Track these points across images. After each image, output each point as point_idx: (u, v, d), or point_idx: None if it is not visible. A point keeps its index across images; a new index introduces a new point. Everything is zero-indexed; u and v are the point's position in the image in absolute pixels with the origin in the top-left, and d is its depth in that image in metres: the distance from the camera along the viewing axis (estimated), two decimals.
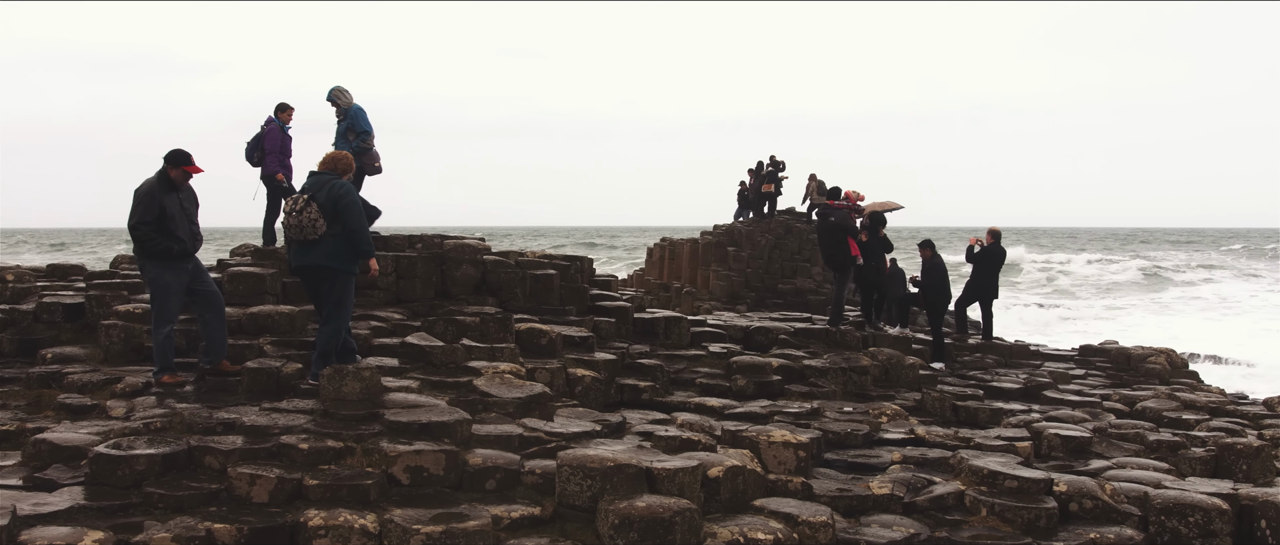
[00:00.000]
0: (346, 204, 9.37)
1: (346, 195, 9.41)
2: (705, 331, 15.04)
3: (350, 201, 9.41)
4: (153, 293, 9.79)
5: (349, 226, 9.41)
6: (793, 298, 29.38)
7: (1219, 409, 13.88)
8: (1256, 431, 12.48)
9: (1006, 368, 16.26)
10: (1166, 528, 8.08)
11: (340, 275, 9.56)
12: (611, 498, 7.05)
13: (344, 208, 9.36)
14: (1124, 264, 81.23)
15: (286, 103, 14.89)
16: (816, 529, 7.32)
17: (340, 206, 9.35)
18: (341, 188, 9.44)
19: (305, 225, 9.30)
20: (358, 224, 9.44)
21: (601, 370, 11.69)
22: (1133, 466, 9.82)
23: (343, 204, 9.36)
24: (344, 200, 9.37)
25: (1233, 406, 14.27)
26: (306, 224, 9.30)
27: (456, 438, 8.15)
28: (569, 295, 14.17)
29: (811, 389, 12.78)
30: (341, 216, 9.38)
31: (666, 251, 35.82)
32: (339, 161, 9.72)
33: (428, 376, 10.01)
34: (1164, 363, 17.09)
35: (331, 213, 9.35)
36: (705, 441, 8.94)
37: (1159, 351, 17.75)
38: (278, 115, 14.69)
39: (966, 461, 8.93)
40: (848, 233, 16.38)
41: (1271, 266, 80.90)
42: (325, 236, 9.37)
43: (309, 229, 9.30)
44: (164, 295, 9.70)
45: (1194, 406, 13.83)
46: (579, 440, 8.74)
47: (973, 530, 7.91)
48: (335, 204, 9.35)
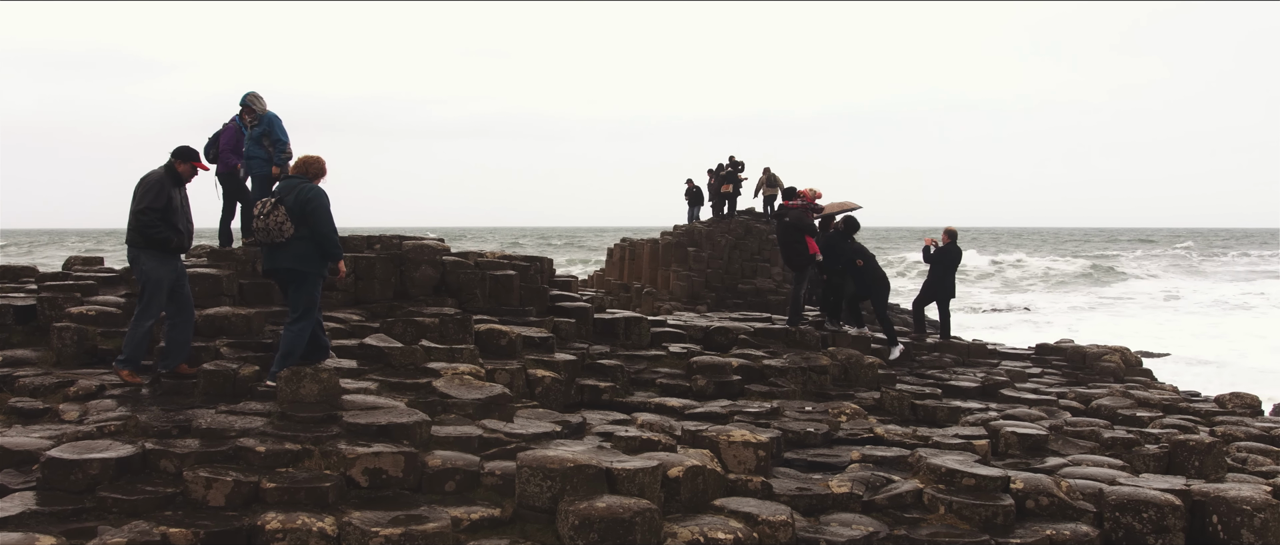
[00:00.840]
0: (315, 207, 9.45)
1: (315, 199, 9.48)
2: (665, 332, 15.05)
3: (318, 205, 9.49)
4: (144, 285, 9.78)
5: (317, 230, 9.49)
6: (753, 298, 29.49)
7: (1172, 406, 14.07)
8: (1208, 428, 12.66)
9: (964, 367, 16.39)
10: (1121, 524, 8.18)
11: (307, 278, 9.63)
12: (571, 498, 7.04)
13: (312, 210, 9.44)
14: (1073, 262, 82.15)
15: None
16: (776, 528, 7.34)
17: (309, 210, 9.44)
18: (310, 191, 9.51)
19: (273, 228, 9.39)
20: (326, 228, 9.52)
21: (561, 371, 11.67)
22: (1088, 464, 9.92)
23: (311, 207, 9.44)
24: (312, 204, 9.45)
25: (1185, 404, 14.46)
26: (273, 227, 9.38)
27: (416, 439, 8.12)
28: (529, 296, 14.14)
29: (771, 389, 12.82)
30: (310, 220, 9.46)
31: (627, 252, 35.85)
32: (310, 166, 9.76)
33: (386, 378, 9.96)
34: (1119, 361, 17.29)
35: (300, 216, 9.43)
36: (665, 442, 8.94)
37: (1114, 350, 17.96)
38: (241, 114, 14.57)
39: (925, 460, 8.99)
40: (805, 231, 16.40)
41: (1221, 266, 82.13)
42: (293, 239, 9.45)
43: (276, 232, 9.39)
44: (154, 289, 9.75)
45: (1148, 404, 14.00)
46: (539, 441, 8.72)
47: (931, 528, 7.96)
48: (303, 208, 9.43)
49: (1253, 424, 13.23)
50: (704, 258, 31.66)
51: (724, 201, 34.61)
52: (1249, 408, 14.64)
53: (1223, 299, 54.64)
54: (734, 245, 32.52)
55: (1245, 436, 12.41)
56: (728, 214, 34.52)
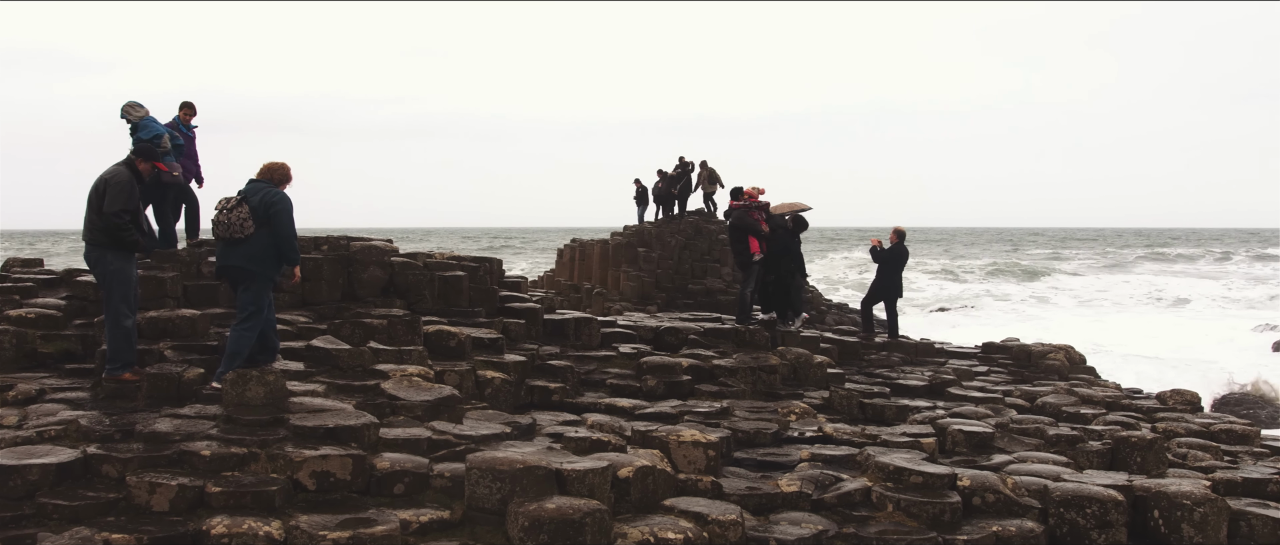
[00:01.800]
0: (278, 210, 9.68)
1: (280, 203, 9.72)
2: (615, 332, 15.04)
3: (282, 209, 9.72)
4: (115, 284, 9.67)
5: (279, 233, 9.69)
6: (703, 298, 29.58)
7: (1115, 403, 14.26)
8: (1150, 425, 12.85)
9: (912, 365, 16.51)
10: (1065, 519, 8.29)
11: (257, 278, 9.74)
12: (521, 500, 7.02)
13: (275, 214, 9.67)
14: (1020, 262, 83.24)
15: (189, 101, 14.62)
16: (726, 527, 7.36)
17: (272, 212, 9.65)
18: (275, 195, 9.74)
19: (233, 224, 9.57)
20: (287, 231, 9.74)
21: (511, 372, 11.63)
22: (1033, 460, 10.05)
23: (274, 210, 9.67)
24: (276, 207, 9.68)
25: (1128, 401, 14.66)
26: (235, 222, 9.57)
27: (364, 442, 8.05)
28: (478, 297, 14.07)
29: (721, 388, 12.85)
30: (272, 221, 9.66)
31: (577, 252, 35.82)
32: (275, 171, 9.96)
33: (334, 380, 9.87)
34: (1063, 359, 17.50)
35: (263, 217, 9.62)
36: (615, 442, 8.94)
37: (1058, 348, 18.17)
38: (180, 114, 14.42)
39: (873, 458, 9.05)
40: (747, 231, 16.48)
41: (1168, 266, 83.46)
42: (251, 238, 9.63)
43: (237, 227, 9.57)
44: (126, 287, 9.71)
45: (1091, 401, 14.18)
46: (488, 442, 8.68)
47: (879, 526, 8.02)
48: (267, 209, 9.64)
49: (1192, 420, 13.45)
50: (654, 258, 31.71)
51: (674, 202, 34.67)
52: (1189, 404, 14.88)
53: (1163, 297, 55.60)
54: (684, 246, 32.60)
55: (1185, 433, 12.61)
56: (677, 215, 34.58)
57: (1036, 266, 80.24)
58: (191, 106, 14.71)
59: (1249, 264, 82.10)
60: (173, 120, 14.37)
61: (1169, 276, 70.73)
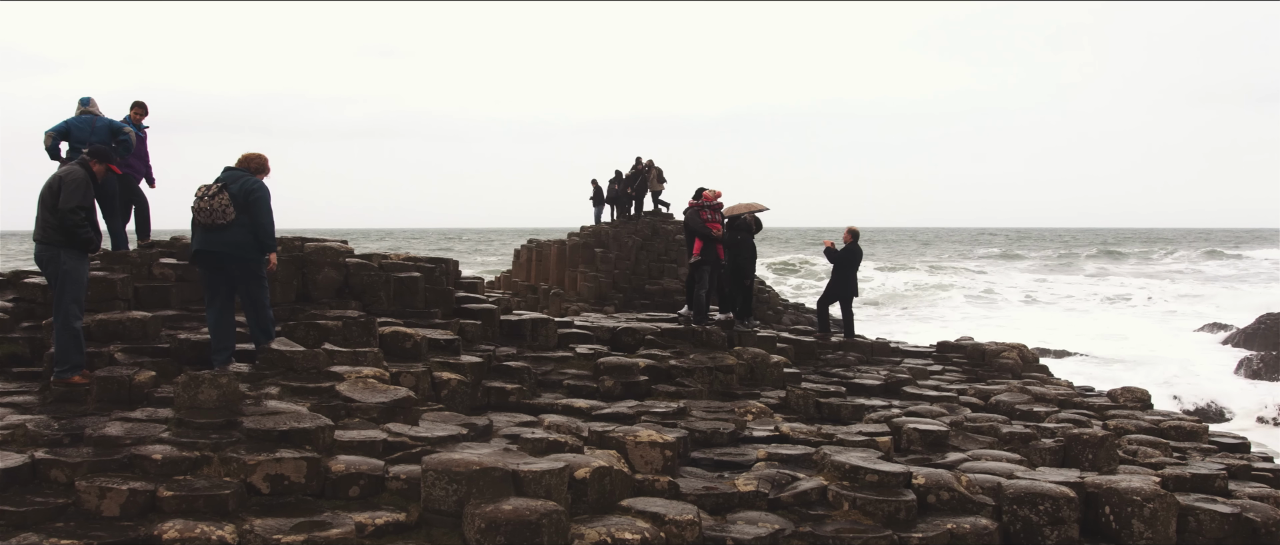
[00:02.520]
0: (257, 199, 9.96)
1: (258, 191, 10.01)
2: (572, 333, 15.02)
3: (261, 197, 10.00)
4: (68, 285, 9.57)
5: (258, 221, 9.97)
6: (660, 298, 29.60)
7: (1067, 401, 14.43)
8: (1101, 422, 13.02)
9: (868, 365, 16.62)
10: (1018, 516, 8.38)
11: (248, 263, 10.08)
12: (478, 501, 6.99)
13: (254, 202, 9.94)
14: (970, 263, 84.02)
15: (141, 101, 14.45)
16: (683, 527, 7.37)
17: (251, 200, 9.92)
18: (254, 183, 10.05)
19: (216, 210, 9.81)
20: (266, 220, 10.04)
21: (467, 373, 11.58)
22: (987, 458, 10.14)
23: (253, 198, 9.94)
24: (255, 195, 9.96)
25: (1079, 399, 14.84)
26: (217, 209, 9.81)
27: (318, 444, 7.99)
28: (434, 298, 14.00)
29: (678, 389, 12.87)
30: (251, 210, 9.93)
31: (534, 253, 35.73)
32: (252, 161, 10.30)
33: (288, 382, 9.78)
34: (1016, 358, 17.68)
35: (242, 204, 9.89)
36: (572, 443, 8.93)
37: (1012, 347, 18.35)
38: (130, 114, 14.24)
39: (829, 457, 9.10)
40: (694, 232, 16.61)
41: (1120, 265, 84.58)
42: (232, 225, 9.88)
43: (219, 214, 9.81)
44: (78, 288, 9.65)
45: (1044, 399, 14.34)
46: (445, 444, 8.63)
47: (836, 524, 8.07)
48: (247, 197, 9.92)
49: (1143, 417, 13.64)
50: (611, 259, 31.69)
51: (630, 203, 34.70)
52: (1139, 402, 15.08)
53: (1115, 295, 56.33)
54: (641, 246, 32.61)
55: (1136, 429, 12.79)
56: (634, 215, 34.60)
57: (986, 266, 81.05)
58: (143, 106, 14.54)
59: (1199, 263, 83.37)
60: (124, 119, 14.18)
61: (1121, 276, 71.69)
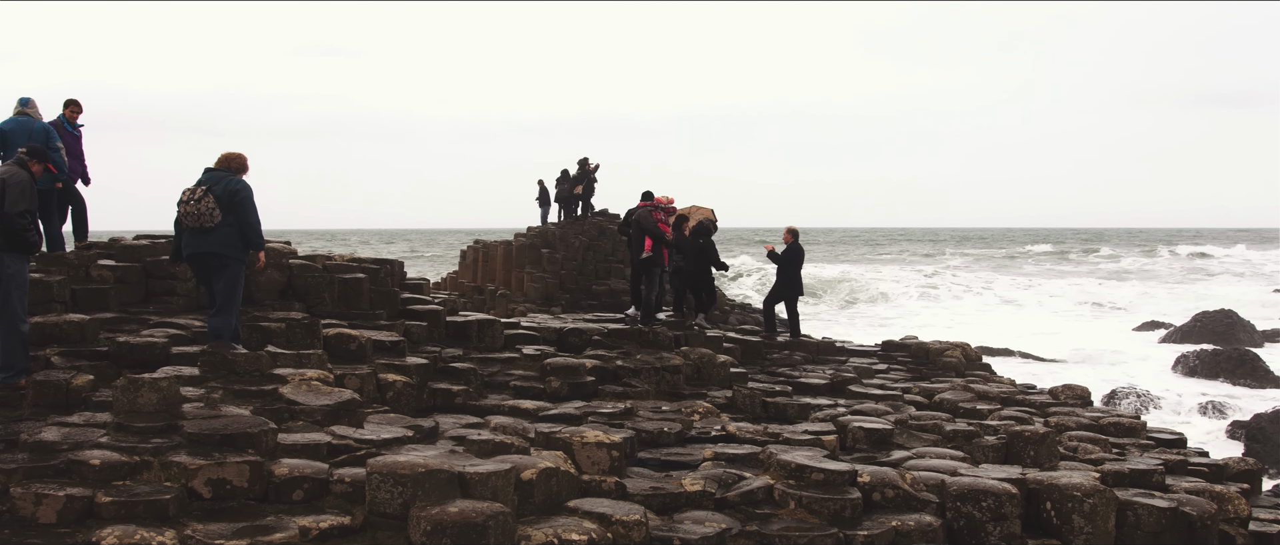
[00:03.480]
0: (242, 199, 10.22)
1: (242, 191, 10.26)
2: (519, 334, 14.98)
3: (246, 197, 10.26)
4: (15, 288, 9.43)
5: (245, 220, 10.26)
6: (607, 299, 29.60)
7: (1010, 399, 14.60)
8: (1042, 419, 13.19)
9: (813, 364, 16.73)
10: (962, 513, 8.48)
11: (232, 263, 10.30)
12: (423, 504, 6.94)
13: (240, 202, 10.20)
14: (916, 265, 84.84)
15: (75, 99, 14.21)
16: (630, 528, 7.38)
17: (236, 201, 10.18)
18: (238, 183, 10.28)
19: (204, 213, 10.06)
20: (253, 219, 10.33)
21: (413, 375, 11.50)
22: (931, 456, 10.25)
23: (239, 198, 10.19)
24: (240, 195, 10.21)
25: (1022, 396, 15.03)
26: (205, 212, 10.06)
27: (261, 448, 7.89)
28: (379, 299, 13.89)
29: (625, 389, 12.88)
30: (237, 210, 10.20)
31: (480, 254, 35.57)
32: (232, 160, 10.49)
33: (230, 385, 9.64)
34: (960, 356, 17.87)
35: (227, 205, 10.14)
36: (518, 444, 8.90)
37: (955, 345, 18.54)
38: (64, 112, 14.00)
39: (775, 456, 9.15)
40: (645, 232, 16.74)
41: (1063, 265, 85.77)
42: (219, 226, 10.14)
43: (207, 217, 10.07)
44: (24, 291, 9.57)
45: (987, 397, 14.50)
46: (390, 446, 8.57)
47: (782, 523, 8.12)
48: (232, 198, 10.17)
49: (1083, 414, 13.84)
50: (558, 259, 31.64)
51: (576, 203, 34.65)
52: (1079, 399, 15.30)
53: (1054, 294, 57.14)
54: (588, 246, 32.58)
55: (1076, 426, 12.97)
56: (581, 215, 34.57)
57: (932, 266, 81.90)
58: (77, 104, 14.30)
59: (1138, 262, 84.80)
60: (57, 119, 13.93)
61: (1063, 275, 72.74)
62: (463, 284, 35.14)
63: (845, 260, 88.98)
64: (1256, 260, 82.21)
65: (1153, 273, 74.50)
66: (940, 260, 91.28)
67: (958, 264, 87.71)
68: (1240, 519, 9.86)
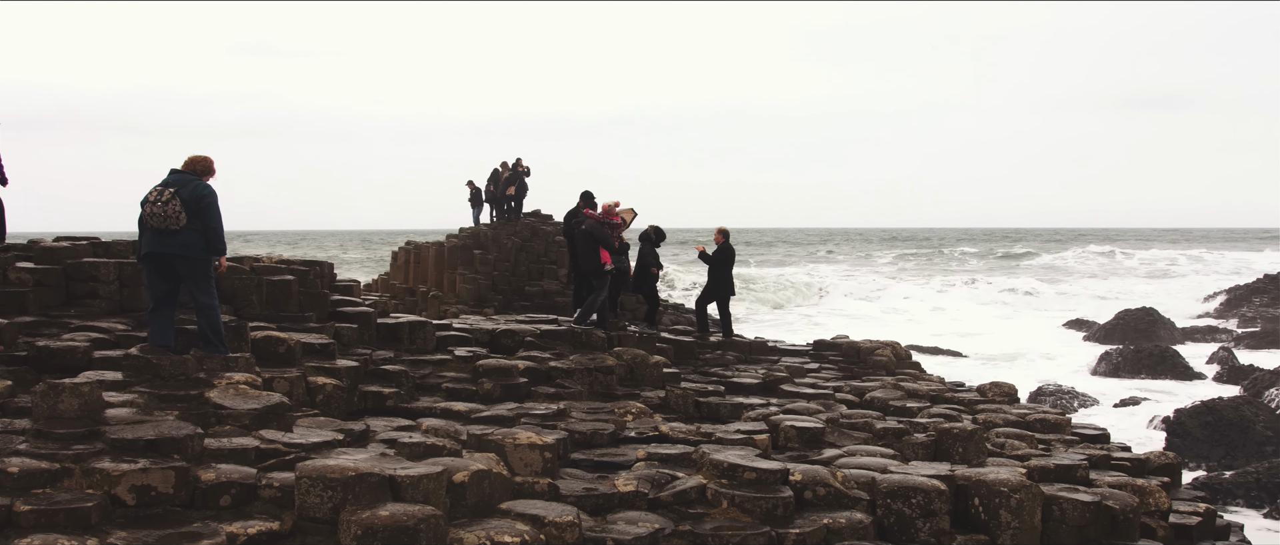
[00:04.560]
0: (207, 204, 10.35)
1: (208, 196, 10.39)
2: (451, 335, 14.88)
3: (211, 202, 10.39)
4: None
5: (208, 225, 10.39)
6: (540, 300, 29.50)
7: (939, 397, 14.80)
8: (971, 416, 13.38)
9: (746, 364, 16.82)
10: (892, 510, 8.58)
11: (199, 262, 10.44)
12: (354, 508, 6.87)
13: (205, 207, 10.33)
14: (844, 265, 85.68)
15: None
16: (563, 529, 7.36)
17: (201, 205, 10.31)
18: (204, 188, 10.41)
19: (170, 215, 10.18)
20: (216, 223, 10.46)
21: (343, 378, 11.37)
22: (862, 454, 10.35)
23: (204, 204, 10.33)
24: (206, 200, 10.35)
25: (950, 394, 15.23)
26: (171, 214, 10.18)
27: (187, 453, 7.75)
28: (308, 301, 13.71)
29: (558, 390, 12.85)
30: (201, 215, 10.32)
31: (411, 255, 35.28)
32: (198, 163, 10.62)
33: (155, 390, 9.46)
34: (890, 355, 18.08)
35: (194, 209, 10.27)
36: (450, 446, 8.84)
37: (885, 344, 18.76)
38: None
39: (708, 456, 9.18)
40: (600, 242, 16.83)
41: (983, 265, 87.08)
42: (184, 229, 10.26)
43: (172, 219, 10.19)
44: None
45: (917, 395, 14.68)
46: (320, 450, 8.46)
47: (715, 522, 8.15)
48: (197, 202, 10.28)
49: (1010, 411, 14.07)
50: (490, 260, 31.47)
51: (508, 204, 34.49)
52: (1007, 396, 15.55)
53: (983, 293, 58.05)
54: (520, 247, 32.45)
55: (1003, 423, 13.18)
56: (513, 216, 34.42)
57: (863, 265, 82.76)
58: None
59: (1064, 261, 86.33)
60: None
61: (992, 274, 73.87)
62: (394, 286, 34.82)
63: (778, 261, 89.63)
64: (1180, 259, 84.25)
65: (1078, 272, 75.97)
66: (874, 260, 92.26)
67: (890, 262, 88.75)
68: (1161, 512, 10.10)
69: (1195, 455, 19.01)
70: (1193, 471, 17.61)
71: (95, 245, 13.40)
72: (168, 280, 10.48)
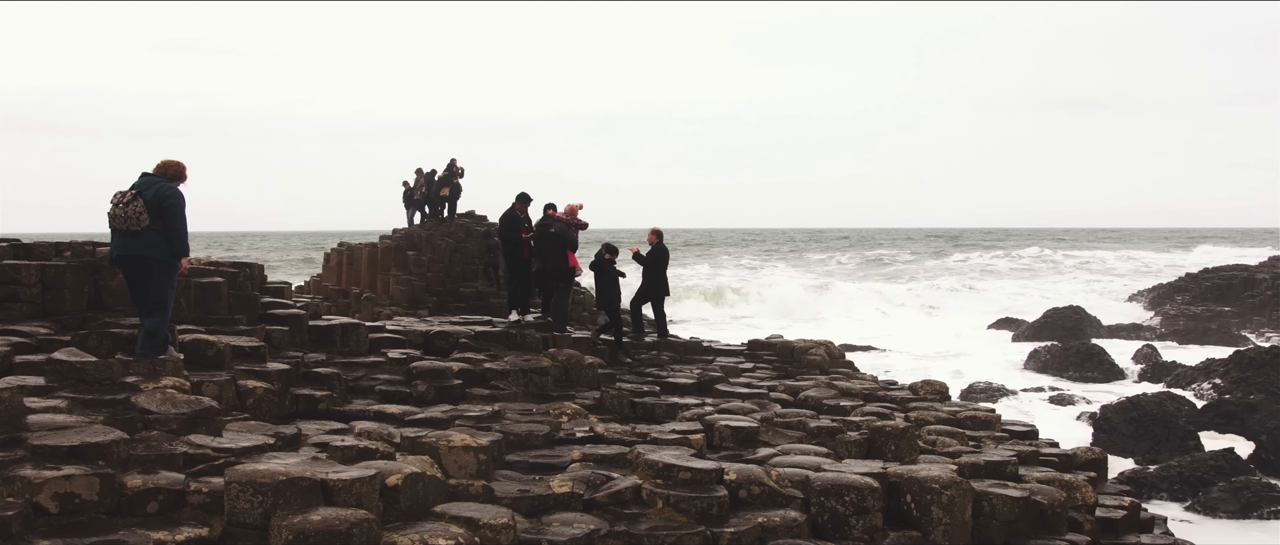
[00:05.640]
0: (170, 205, 10.45)
1: (172, 198, 10.48)
2: (384, 337, 14.74)
3: (175, 204, 10.49)
4: None
5: (170, 227, 10.45)
6: (474, 301, 29.30)
7: (871, 395, 14.94)
8: (903, 414, 13.53)
9: (681, 364, 16.86)
10: (826, 508, 8.65)
11: (157, 266, 10.45)
12: (285, 513, 6.79)
13: (167, 208, 10.42)
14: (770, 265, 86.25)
15: None
16: (498, 531, 7.33)
17: (164, 207, 10.41)
18: (169, 190, 10.51)
19: (130, 216, 10.29)
20: (178, 225, 10.51)
21: (274, 381, 11.21)
22: (796, 452, 10.43)
23: (167, 205, 10.42)
24: (169, 202, 10.44)
25: (883, 392, 15.39)
26: (132, 215, 10.29)
27: (112, 459, 7.59)
28: (238, 304, 13.51)
29: (493, 392, 12.79)
30: (164, 216, 10.41)
31: (344, 257, 34.90)
32: (169, 167, 10.73)
33: (79, 395, 9.26)
34: (823, 354, 18.22)
35: (156, 210, 10.36)
36: (384, 449, 8.76)
37: (819, 344, 18.90)
38: None
39: (643, 456, 9.19)
40: (568, 246, 17.03)
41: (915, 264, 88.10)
42: (148, 230, 10.35)
43: (134, 220, 10.29)
44: None
45: (850, 394, 14.81)
46: (250, 455, 8.35)
47: (650, 522, 8.17)
48: (160, 204, 10.39)
49: (941, 408, 14.25)
50: (424, 262, 31.22)
51: (442, 205, 34.23)
52: (938, 394, 15.75)
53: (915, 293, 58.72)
54: (454, 248, 32.22)
55: (935, 420, 13.35)
56: (447, 217, 34.17)
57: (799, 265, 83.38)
58: None
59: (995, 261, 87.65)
60: None
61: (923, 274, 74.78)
62: (326, 287, 34.41)
63: (714, 261, 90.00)
64: (1109, 258, 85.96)
65: (1009, 271, 77.17)
66: (809, 260, 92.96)
67: (824, 261, 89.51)
68: (1087, 506, 10.28)
69: (1121, 450, 19.38)
70: (1118, 466, 17.94)
71: (16, 247, 13.08)
72: (140, 282, 10.57)
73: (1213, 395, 23.69)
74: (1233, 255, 73.68)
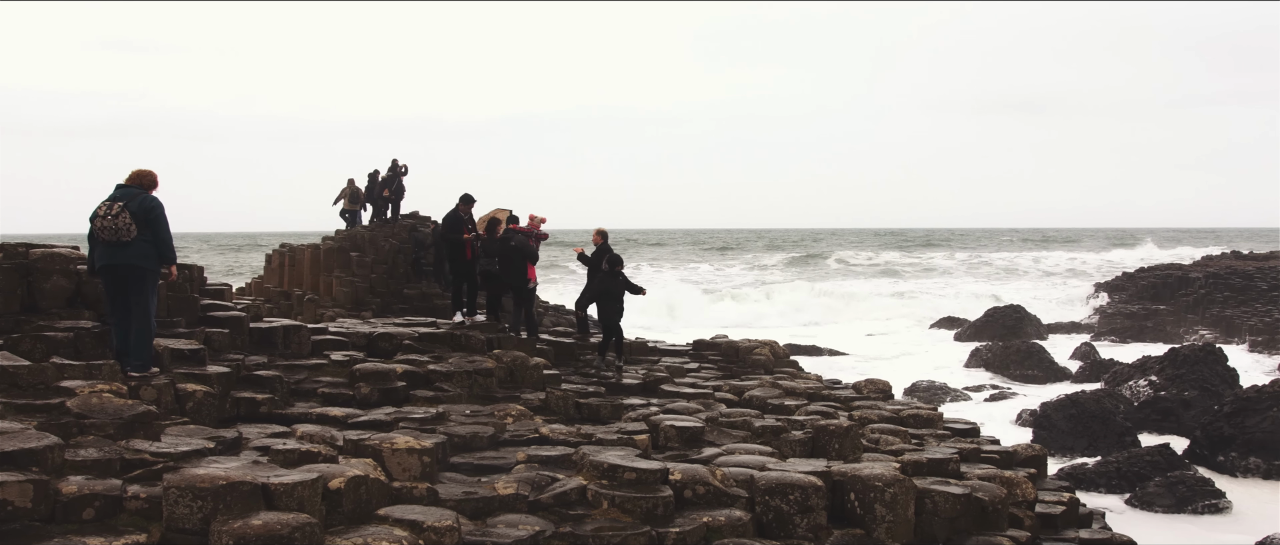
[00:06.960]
0: (156, 215, 10.76)
1: (156, 208, 10.78)
2: (327, 339, 14.59)
3: (159, 214, 10.80)
4: None
5: (159, 236, 10.75)
6: (419, 303, 29.10)
7: (816, 394, 15.05)
8: (847, 413, 13.64)
9: (627, 365, 16.86)
10: (771, 506, 8.70)
11: (149, 274, 10.77)
12: (225, 518, 6.70)
13: (154, 219, 10.73)
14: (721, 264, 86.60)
15: None
16: (442, 533, 7.28)
17: (150, 218, 10.70)
18: (152, 200, 10.79)
19: (120, 228, 10.53)
20: (166, 234, 10.85)
21: (214, 384, 11.05)
22: (741, 452, 10.47)
23: (153, 215, 10.73)
24: (154, 212, 10.75)
25: (827, 391, 15.51)
26: (122, 227, 10.53)
27: (47, 465, 7.45)
28: (177, 306, 13.31)
29: (437, 393, 12.70)
30: (152, 226, 10.70)
31: (286, 258, 34.51)
32: (144, 177, 10.98)
33: (12, 400, 9.08)
34: (768, 354, 18.31)
35: (143, 221, 10.63)
36: (326, 452, 8.67)
37: (764, 344, 18.99)
38: None
39: (588, 457, 9.19)
40: (528, 257, 17.00)
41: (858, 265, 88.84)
42: (135, 240, 10.60)
43: (123, 231, 10.53)
44: None
45: (794, 393, 14.90)
46: (189, 459, 8.22)
47: (595, 523, 8.16)
48: (146, 214, 10.67)
49: (884, 407, 14.38)
50: (368, 263, 30.96)
51: (386, 205, 33.97)
52: (881, 392, 15.89)
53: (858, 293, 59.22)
54: (398, 250, 31.98)
55: (878, 419, 13.47)
56: (391, 218, 33.91)
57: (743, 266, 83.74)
58: None
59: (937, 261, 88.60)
60: None
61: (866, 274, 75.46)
62: (268, 289, 34.01)
63: (659, 261, 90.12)
64: (1049, 257, 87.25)
65: (950, 271, 78.08)
66: (756, 261, 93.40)
67: (771, 262, 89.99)
68: (1027, 502, 10.43)
69: (1060, 447, 19.67)
70: (1058, 462, 18.21)
71: None
72: (124, 292, 10.72)
73: (1149, 393, 24.11)
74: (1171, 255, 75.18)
